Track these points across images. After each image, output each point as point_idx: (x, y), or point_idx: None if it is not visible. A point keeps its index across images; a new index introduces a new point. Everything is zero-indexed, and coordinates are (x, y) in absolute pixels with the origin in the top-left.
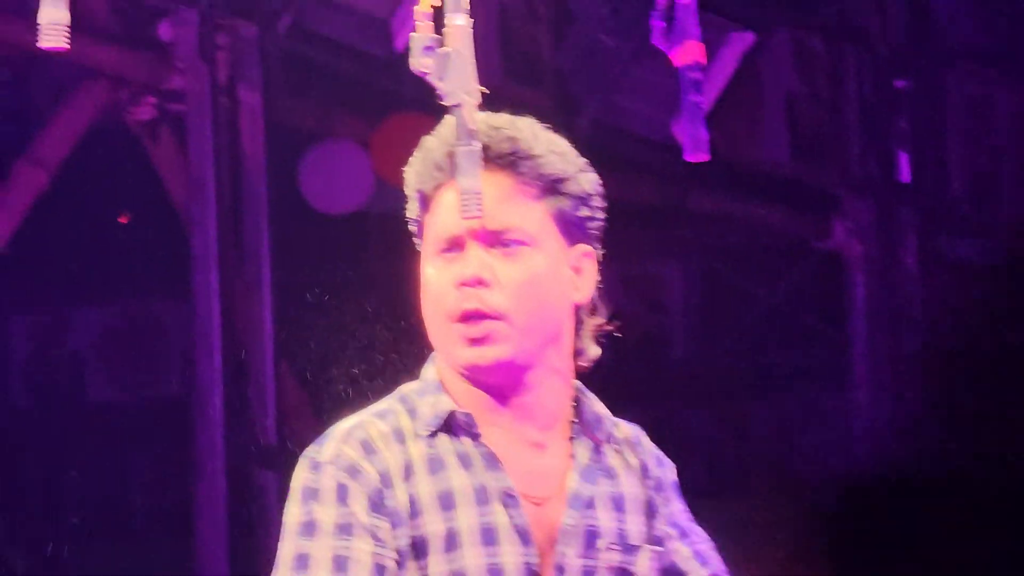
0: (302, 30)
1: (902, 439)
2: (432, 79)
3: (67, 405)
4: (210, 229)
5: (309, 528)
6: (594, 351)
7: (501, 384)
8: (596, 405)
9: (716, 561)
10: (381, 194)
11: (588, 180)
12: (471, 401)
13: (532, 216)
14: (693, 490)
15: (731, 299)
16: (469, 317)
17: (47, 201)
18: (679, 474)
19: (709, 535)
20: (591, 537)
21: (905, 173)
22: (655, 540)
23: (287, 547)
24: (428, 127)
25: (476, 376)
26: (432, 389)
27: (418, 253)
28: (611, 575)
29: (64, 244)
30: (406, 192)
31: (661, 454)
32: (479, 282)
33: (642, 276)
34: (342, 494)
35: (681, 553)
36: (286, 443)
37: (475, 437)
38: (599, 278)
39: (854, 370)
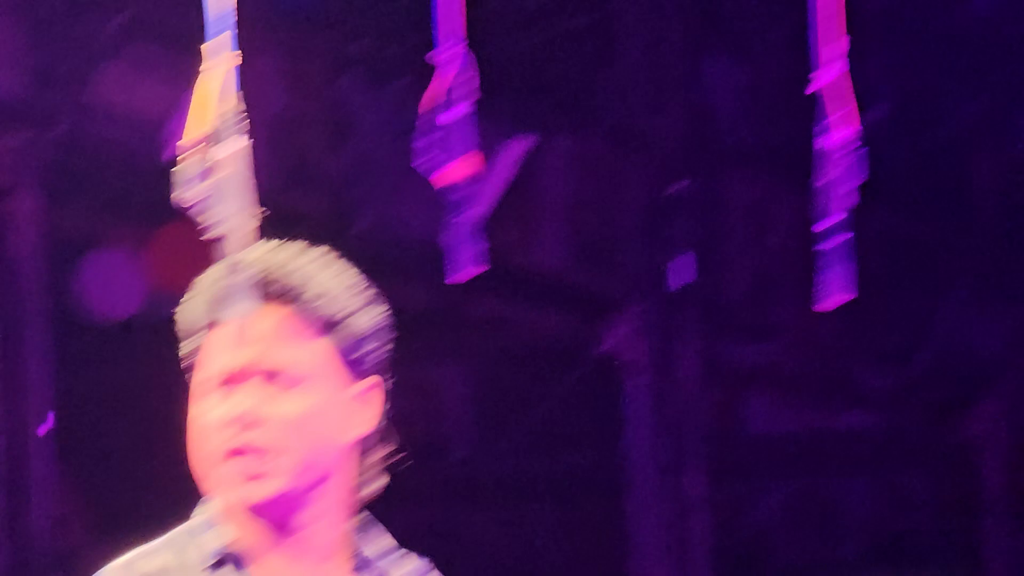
0: (78, 136)
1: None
2: (202, 208)
3: None
4: None
5: None
6: (381, 481)
7: (277, 520)
8: (380, 538)
9: None
10: (155, 301)
11: (373, 315)
12: (249, 537)
13: (309, 353)
14: None
15: (510, 403)
16: (238, 454)
17: None
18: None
19: None
20: None
21: (683, 277)
22: None
23: None
24: (203, 234)
25: (250, 513)
26: (205, 527)
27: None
28: None
29: None
30: (179, 334)
31: None
32: (250, 421)
33: (420, 381)
34: None
35: None
36: (62, 552)
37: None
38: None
39: (632, 475)
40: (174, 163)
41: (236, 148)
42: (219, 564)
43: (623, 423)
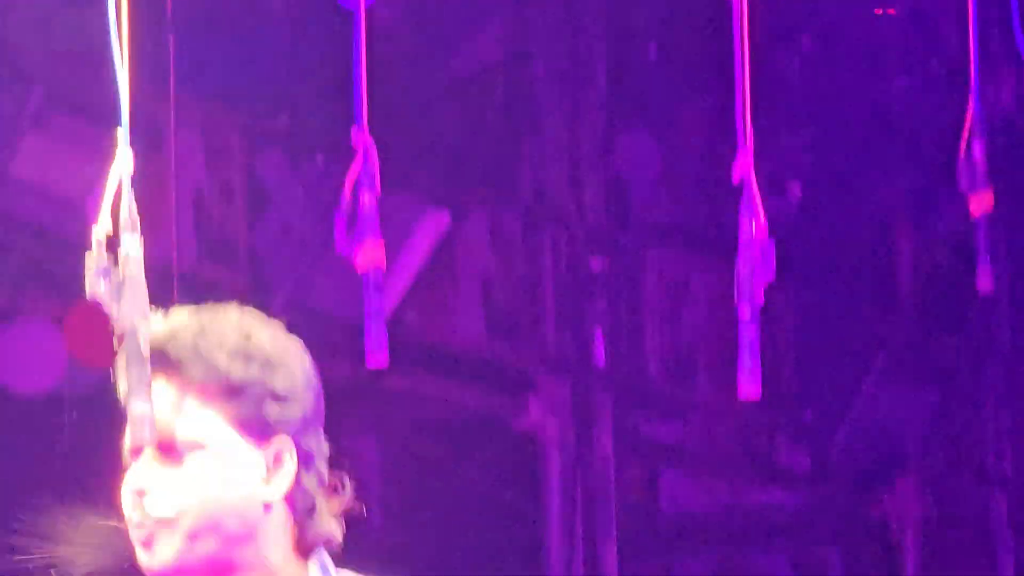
0: None
1: None
2: (105, 305)
3: None
4: None
5: None
6: (337, 531)
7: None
8: None
9: None
10: (73, 375)
11: (284, 377)
12: None
13: (204, 422)
14: None
15: (427, 474)
16: (134, 524)
17: None
18: None
19: None
20: None
21: (601, 353)
22: None
23: None
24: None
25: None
26: None
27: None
28: None
29: None
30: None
31: None
32: (140, 492)
33: (337, 453)
34: None
35: None
36: None
37: None
38: (313, 461)
39: (549, 547)
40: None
41: (134, 251)
42: None
43: (540, 497)
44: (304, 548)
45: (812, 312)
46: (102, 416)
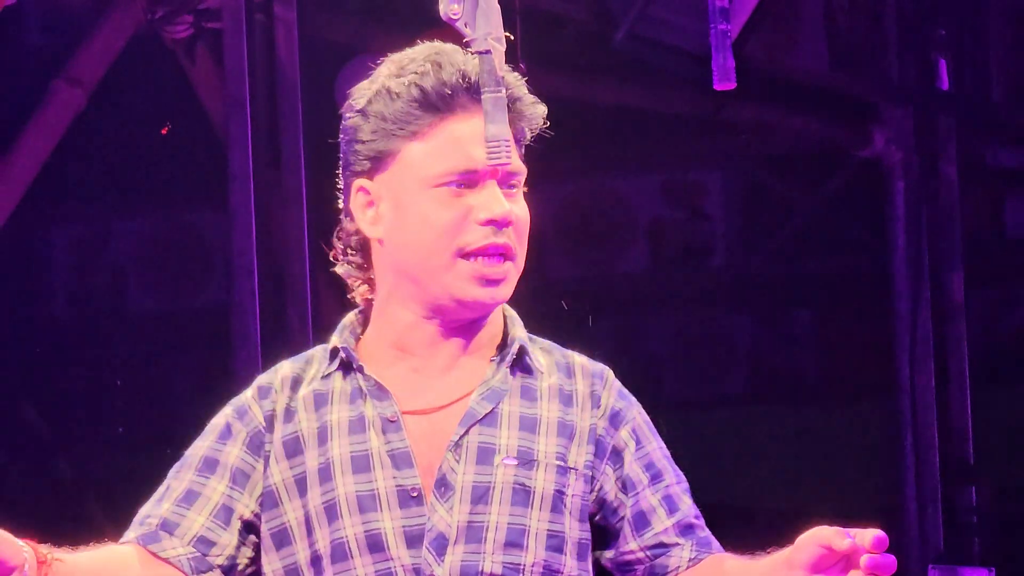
0: None
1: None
2: (459, 26)
3: (108, 314)
4: (247, 147)
5: (182, 459)
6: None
7: (468, 322)
8: (519, 332)
9: (687, 505)
10: None
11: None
12: (410, 335)
13: (520, 162)
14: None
15: (772, 206)
16: (494, 256)
17: (87, 115)
18: (722, 380)
19: (748, 441)
20: (485, 454)
21: (945, 80)
22: (588, 466)
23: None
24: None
25: (460, 312)
26: (340, 331)
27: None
28: (509, 492)
29: (105, 158)
30: (383, 109)
31: (627, 392)
32: (508, 222)
33: (683, 184)
34: (224, 433)
35: (650, 500)
36: None
37: (360, 369)
38: None
39: (894, 278)
40: None
41: None
42: (332, 374)
43: (886, 226)
44: None
45: None
46: None
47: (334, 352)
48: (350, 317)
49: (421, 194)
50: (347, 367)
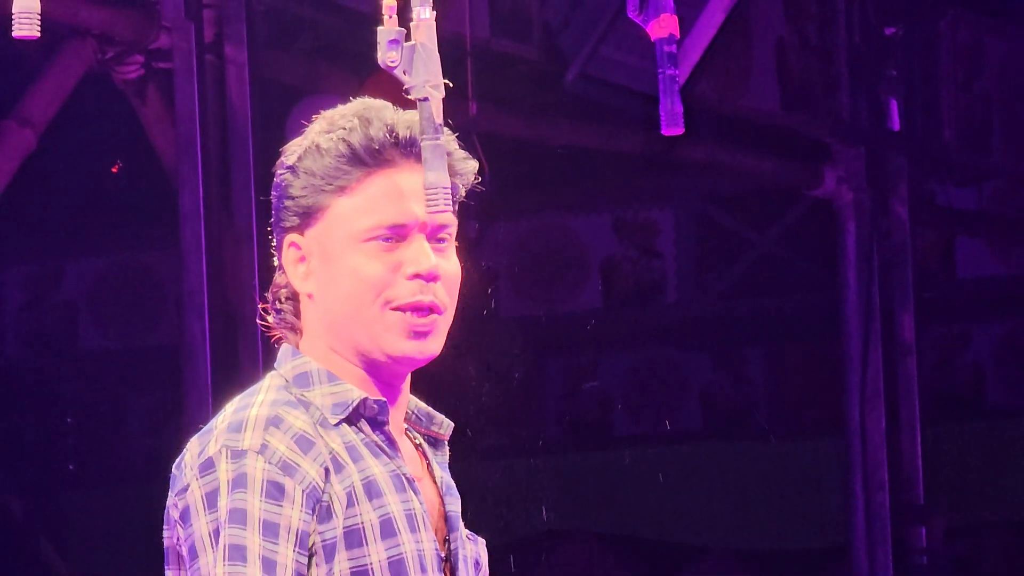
0: None
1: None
2: (398, 73)
3: (60, 353)
4: (198, 187)
5: (239, 516)
6: None
7: (404, 375)
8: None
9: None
10: None
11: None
12: (366, 390)
13: (454, 215)
14: (686, 433)
15: (724, 245)
16: (420, 310)
17: (38, 155)
18: (675, 415)
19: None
20: (457, 523)
21: (896, 120)
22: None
23: (222, 537)
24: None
25: (394, 367)
26: (323, 378)
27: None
28: (469, 565)
29: (56, 198)
30: (312, 165)
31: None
32: (434, 277)
33: (635, 222)
34: (272, 492)
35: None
36: None
37: (381, 425)
38: None
39: (845, 317)
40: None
41: (426, 18)
42: (341, 422)
43: (837, 265)
44: None
45: None
46: None
47: (358, 403)
48: (311, 363)
49: (351, 248)
50: (351, 417)
